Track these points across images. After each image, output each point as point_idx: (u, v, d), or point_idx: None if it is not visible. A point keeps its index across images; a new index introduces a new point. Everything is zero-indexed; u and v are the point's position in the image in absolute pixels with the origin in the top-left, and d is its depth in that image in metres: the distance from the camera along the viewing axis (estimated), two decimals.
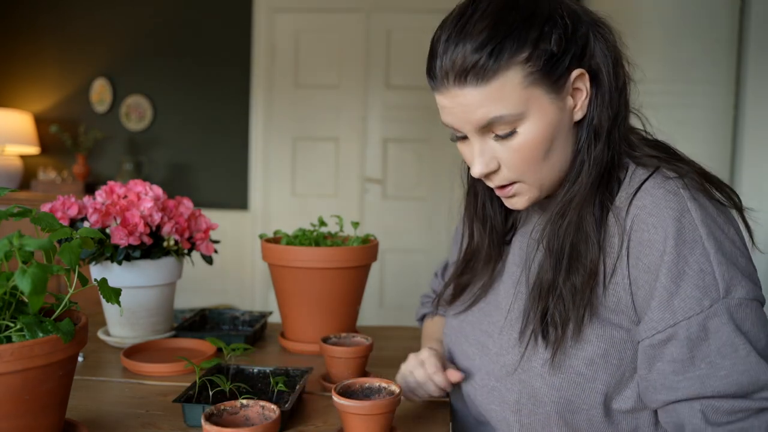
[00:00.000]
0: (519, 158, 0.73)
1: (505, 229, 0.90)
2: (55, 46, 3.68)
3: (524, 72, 0.68)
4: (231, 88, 3.61)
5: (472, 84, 0.69)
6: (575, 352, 0.72)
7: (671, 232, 0.66)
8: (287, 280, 1.16)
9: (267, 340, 1.27)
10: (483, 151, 0.74)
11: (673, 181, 0.69)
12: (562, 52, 0.70)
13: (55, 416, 0.69)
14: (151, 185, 1.19)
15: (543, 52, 0.68)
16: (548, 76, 0.69)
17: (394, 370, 1.08)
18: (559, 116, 0.72)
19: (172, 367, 1.03)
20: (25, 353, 0.62)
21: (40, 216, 0.72)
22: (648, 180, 0.71)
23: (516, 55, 0.68)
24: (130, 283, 1.14)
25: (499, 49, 0.67)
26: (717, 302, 0.64)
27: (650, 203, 0.68)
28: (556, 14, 0.70)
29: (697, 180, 0.71)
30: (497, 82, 0.68)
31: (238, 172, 3.64)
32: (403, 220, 3.59)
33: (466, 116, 0.72)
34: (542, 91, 0.70)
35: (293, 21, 3.58)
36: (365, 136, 3.58)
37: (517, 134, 0.71)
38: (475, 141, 0.74)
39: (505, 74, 0.68)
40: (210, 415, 0.71)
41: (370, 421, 0.75)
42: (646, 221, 0.68)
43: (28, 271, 0.62)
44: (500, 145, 0.73)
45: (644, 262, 0.68)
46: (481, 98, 0.69)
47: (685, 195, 0.68)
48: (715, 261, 0.65)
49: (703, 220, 0.66)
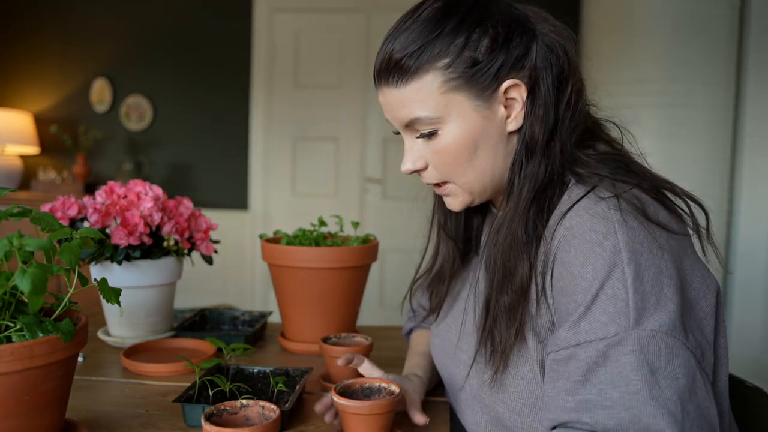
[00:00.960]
0: (441, 160, 0.75)
1: (466, 244, 0.92)
2: (55, 46, 3.68)
3: (444, 77, 0.70)
4: (231, 88, 3.61)
5: (393, 83, 0.72)
6: (514, 371, 0.73)
7: (591, 255, 0.63)
8: (287, 280, 1.16)
9: (267, 340, 1.27)
10: (412, 149, 0.77)
11: (605, 201, 0.66)
12: (489, 60, 0.70)
13: (55, 416, 0.69)
14: (151, 185, 1.19)
15: (467, 59, 0.69)
16: (472, 83, 0.70)
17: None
18: (484, 124, 0.72)
19: (172, 367, 1.03)
20: (25, 353, 0.62)
21: (40, 216, 0.72)
22: (581, 200, 0.67)
23: (437, 59, 0.69)
24: (130, 283, 1.14)
25: (420, 52, 0.69)
26: (624, 331, 0.60)
27: (577, 224, 0.66)
28: (489, 21, 0.70)
29: (636, 200, 0.66)
30: (416, 84, 0.71)
31: (238, 172, 3.64)
32: (403, 220, 3.59)
33: (392, 114, 0.76)
34: (464, 97, 0.71)
35: (293, 21, 3.58)
36: (365, 136, 3.58)
37: (438, 136, 0.73)
38: (406, 138, 0.77)
39: (424, 77, 0.70)
40: (210, 415, 0.71)
41: (370, 421, 0.75)
42: (570, 243, 0.65)
43: (28, 271, 0.62)
44: (425, 145, 0.75)
45: (561, 284, 0.66)
46: (402, 98, 0.72)
47: (614, 216, 0.64)
48: (631, 288, 0.61)
49: (627, 243, 0.62)
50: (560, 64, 0.72)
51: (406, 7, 0.75)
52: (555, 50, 0.72)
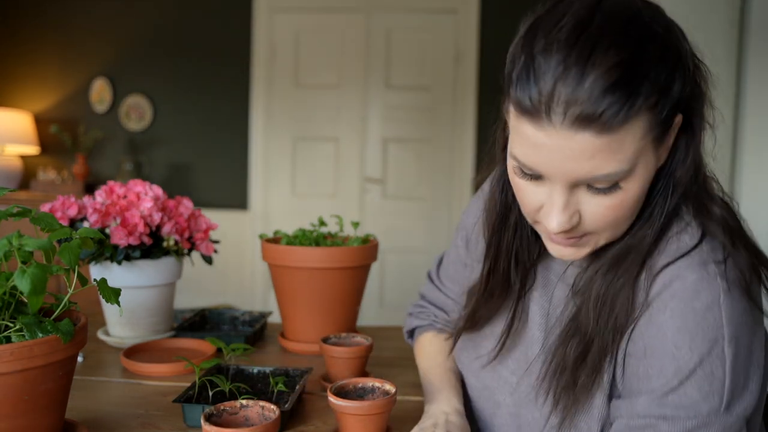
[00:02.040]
0: (611, 215, 0.61)
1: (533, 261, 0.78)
2: (55, 46, 3.68)
3: (650, 122, 0.57)
4: (231, 88, 3.61)
5: (594, 131, 0.55)
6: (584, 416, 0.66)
7: (692, 325, 0.58)
8: (287, 280, 1.16)
9: (267, 340, 1.27)
10: (569, 203, 0.61)
11: (713, 266, 0.60)
12: (680, 100, 0.59)
13: (54, 416, 0.69)
14: (151, 185, 1.19)
15: (669, 99, 0.57)
16: (665, 125, 0.59)
17: (394, 370, 1.09)
18: (655, 167, 0.62)
19: (171, 367, 1.03)
20: (25, 353, 0.62)
21: (39, 216, 0.72)
22: (687, 255, 0.61)
23: (647, 101, 0.55)
24: (130, 283, 1.14)
25: (635, 95, 0.54)
26: (716, 414, 0.57)
27: (679, 286, 0.60)
28: (685, 50, 0.60)
29: (741, 267, 0.61)
30: (622, 134, 0.55)
31: (238, 172, 3.64)
32: (403, 220, 3.59)
33: (569, 164, 0.57)
34: (651, 141, 0.59)
35: (293, 21, 3.58)
36: (365, 136, 3.58)
37: (619, 190, 0.59)
38: (562, 190, 0.60)
39: (633, 124, 0.55)
40: (210, 415, 0.70)
41: (367, 422, 0.75)
42: (668, 304, 0.60)
43: (28, 272, 0.62)
44: (592, 198, 0.61)
45: (648, 344, 0.61)
46: (598, 149, 0.56)
47: (720, 286, 0.58)
48: (730, 369, 0.57)
49: (731, 318, 0.58)
50: (704, 98, 0.64)
51: (406, 6, 0.72)
52: (701, 85, 0.64)
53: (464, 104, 3.48)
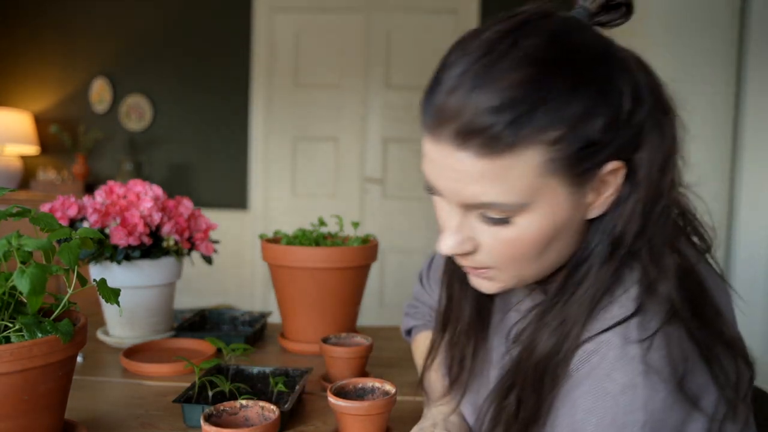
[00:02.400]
0: (505, 252, 0.57)
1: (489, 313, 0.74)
2: (55, 46, 3.68)
3: (547, 156, 0.51)
4: (231, 88, 3.61)
5: (474, 151, 0.51)
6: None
7: (600, 406, 0.52)
8: (287, 280, 1.16)
9: (267, 340, 1.27)
10: (461, 227, 0.57)
11: (635, 346, 0.53)
12: (606, 141, 0.52)
13: (54, 416, 0.69)
14: (150, 185, 1.19)
15: (581, 137, 0.51)
16: (575, 166, 0.52)
17: (394, 370, 1.09)
18: (571, 214, 0.55)
19: (171, 367, 1.03)
20: (24, 354, 0.62)
21: (39, 216, 0.72)
22: (612, 330, 0.54)
23: (544, 131, 0.50)
24: (130, 283, 1.14)
25: (526, 120, 0.50)
26: None
27: (596, 363, 0.54)
28: (617, 87, 0.53)
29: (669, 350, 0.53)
30: (507, 161, 0.51)
31: (238, 172, 3.64)
32: (403, 220, 3.59)
33: (453, 185, 0.55)
34: (560, 182, 0.53)
35: (293, 21, 3.58)
36: (365, 136, 3.58)
37: (510, 225, 0.55)
38: (455, 212, 0.57)
39: (522, 153, 0.51)
40: (209, 415, 0.70)
41: (367, 422, 0.75)
42: (583, 382, 0.54)
43: (27, 272, 0.62)
44: (485, 228, 0.56)
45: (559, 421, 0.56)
46: (480, 173, 0.52)
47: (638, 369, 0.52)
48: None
49: (645, 404, 0.51)
50: (667, 146, 0.56)
51: (406, 6, 0.70)
52: (665, 129, 0.56)
53: None
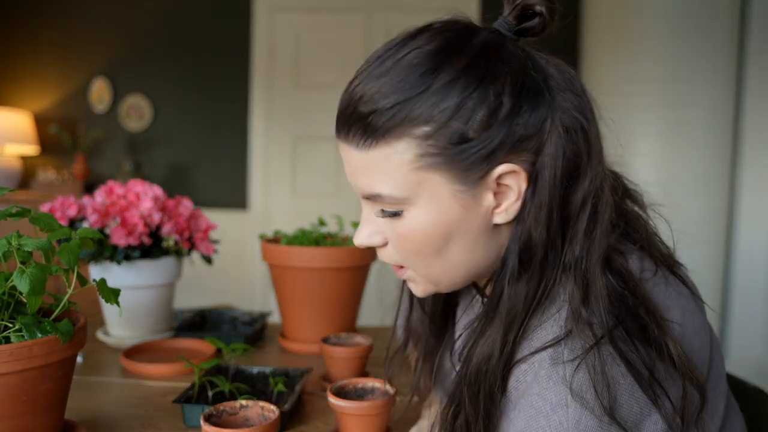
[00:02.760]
0: (403, 247, 0.59)
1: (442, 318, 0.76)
2: (55, 46, 3.68)
3: (419, 150, 0.54)
4: (231, 88, 3.61)
5: (355, 142, 0.56)
6: None
7: (533, 425, 0.52)
8: (287, 280, 1.15)
9: (267, 340, 1.27)
10: (369, 220, 0.61)
11: (563, 367, 0.52)
12: (483, 139, 0.53)
13: (54, 416, 0.69)
14: (150, 185, 1.19)
15: (453, 132, 0.53)
16: (455, 163, 0.54)
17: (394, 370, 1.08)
18: (462, 214, 0.56)
19: (171, 367, 1.03)
20: (24, 354, 0.62)
21: (39, 216, 0.72)
22: (545, 350, 0.54)
23: (415, 124, 0.53)
24: (130, 283, 1.14)
25: (397, 110, 0.53)
26: None
27: (530, 381, 0.53)
28: (493, 85, 0.53)
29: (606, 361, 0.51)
30: (382, 151, 0.54)
31: (238, 172, 3.64)
32: None
33: (352, 178, 0.59)
34: (442, 178, 0.55)
35: (293, 21, 3.58)
36: None
37: (402, 217, 0.57)
38: (364, 206, 0.61)
39: (393, 145, 0.54)
40: (209, 415, 0.70)
41: (367, 422, 0.75)
42: (517, 400, 0.54)
43: (27, 272, 0.62)
44: (384, 222, 0.60)
45: None
46: (363, 164, 0.56)
47: (572, 386, 0.51)
48: None
49: (578, 422, 0.50)
50: (577, 152, 0.56)
51: (406, 6, 0.72)
52: (573, 134, 0.55)
53: None
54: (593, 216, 0.56)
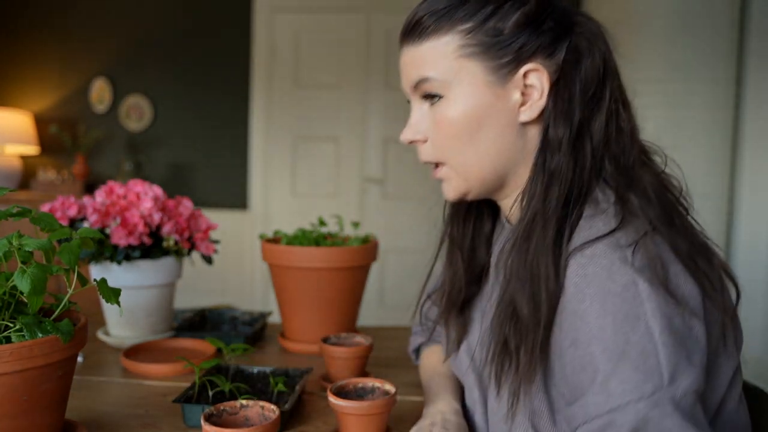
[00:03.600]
0: (440, 132, 0.70)
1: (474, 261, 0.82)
2: (55, 46, 3.68)
3: (461, 42, 0.66)
4: (231, 88, 3.61)
5: (412, 41, 0.69)
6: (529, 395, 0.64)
7: (611, 305, 0.56)
8: (287, 280, 1.16)
9: (267, 340, 1.27)
10: (415, 118, 0.72)
11: (625, 251, 0.58)
12: (514, 35, 0.65)
13: (54, 416, 0.69)
14: (150, 185, 1.19)
15: (490, 28, 0.65)
16: (489, 54, 0.66)
17: (394, 370, 1.09)
18: (493, 102, 0.67)
19: (171, 367, 1.03)
20: (25, 353, 0.62)
21: (39, 216, 0.72)
22: (599, 240, 0.60)
23: (459, 23, 0.66)
24: (130, 283, 1.14)
25: (444, 12, 0.66)
26: (660, 390, 0.54)
27: (592, 272, 0.58)
28: (534, 5, 0.66)
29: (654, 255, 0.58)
30: (431, 43, 0.67)
31: (238, 172, 3.64)
32: (403, 220, 3.59)
33: (405, 76, 0.71)
34: (479, 68, 0.66)
35: (293, 21, 3.58)
36: (365, 136, 3.58)
37: (442, 102, 0.68)
38: (414, 105, 0.73)
39: (441, 38, 0.67)
40: (210, 415, 0.70)
41: (367, 422, 0.75)
42: (585, 292, 0.58)
43: (28, 272, 0.62)
44: (430, 114, 0.71)
45: (573, 336, 0.59)
46: (416, 57, 0.69)
47: (635, 265, 0.57)
48: (661, 342, 0.55)
49: (649, 294, 0.56)
50: (595, 65, 0.66)
51: (406, 6, 0.75)
52: (592, 48, 0.67)
53: None
54: (619, 128, 0.66)
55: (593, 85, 0.66)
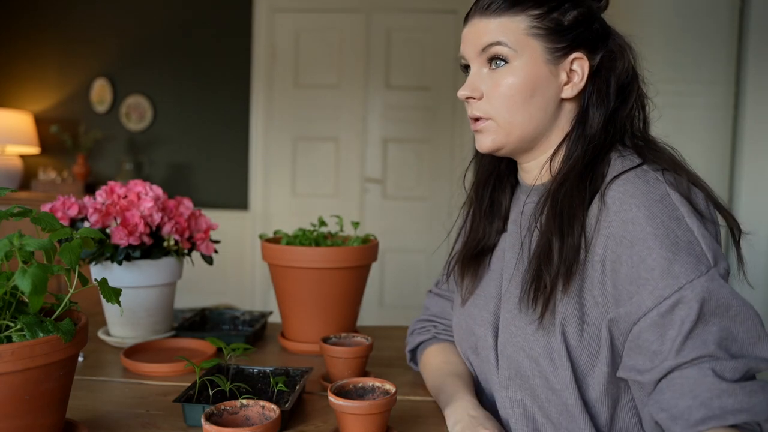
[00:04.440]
0: (500, 92, 0.81)
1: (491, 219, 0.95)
2: (56, 46, 3.68)
3: (530, 23, 0.80)
4: (231, 88, 3.61)
5: (488, 15, 0.81)
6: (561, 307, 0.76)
7: (656, 210, 0.70)
8: (287, 280, 1.16)
9: (267, 340, 1.27)
10: (474, 77, 0.84)
11: (653, 172, 0.75)
12: (570, 28, 0.80)
13: (55, 416, 0.69)
14: (151, 185, 1.19)
15: (553, 19, 0.80)
16: (549, 39, 0.80)
17: (394, 370, 1.09)
18: (547, 77, 0.81)
19: (172, 367, 1.03)
20: (26, 353, 0.62)
21: (40, 216, 0.72)
22: (629, 170, 0.76)
23: (530, 9, 0.80)
24: (130, 283, 1.14)
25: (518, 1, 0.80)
26: (711, 268, 0.68)
27: (632, 187, 0.73)
28: (586, 4, 0.81)
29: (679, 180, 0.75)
30: (506, 19, 0.80)
31: (238, 172, 3.65)
32: (403, 220, 3.59)
33: (474, 40, 0.83)
34: (540, 48, 0.80)
35: (293, 21, 3.58)
36: (365, 136, 3.58)
37: (507, 67, 0.81)
38: (474, 67, 0.84)
39: (515, 17, 0.80)
40: (210, 415, 0.71)
41: (367, 421, 0.75)
42: (629, 202, 0.72)
43: (29, 271, 0.62)
44: (490, 77, 0.82)
45: (629, 238, 0.71)
46: (492, 26, 0.81)
47: (665, 182, 0.73)
48: (699, 235, 0.69)
49: (681, 201, 0.71)
50: (626, 67, 0.82)
51: (406, 6, 0.76)
52: (623, 54, 0.82)
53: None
54: (641, 118, 0.84)
55: (624, 80, 0.82)
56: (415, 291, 3.48)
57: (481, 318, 0.89)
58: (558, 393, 0.76)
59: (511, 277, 0.85)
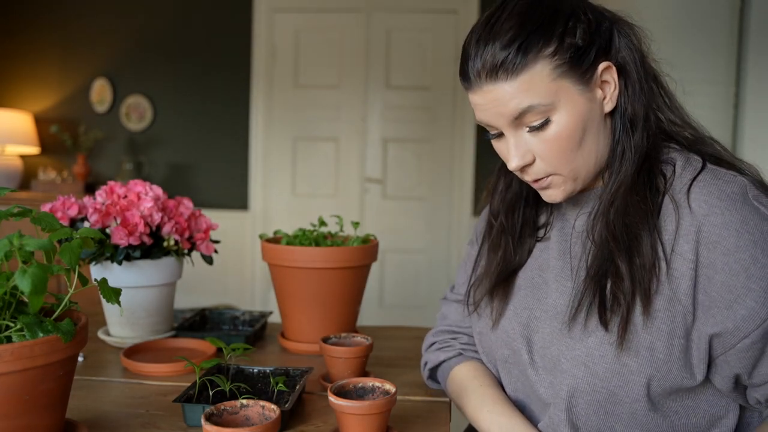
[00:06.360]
0: (553, 149, 0.75)
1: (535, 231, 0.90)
2: (56, 46, 3.68)
3: (552, 65, 0.72)
4: (231, 88, 3.61)
5: (503, 79, 0.72)
6: (645, 328, 0.72)
7: (746, 213, 0.69)
8: (287, 280, 1.16)
9: (267, 340, 1.27)
10: (518, 144, 0.77)
11: (725, 170, 0.74)
12: (587, 45, 0.73)
13: (55, 416, 0.69)
14: (151, 185, 1.19)
15: (569, 45, 0.72)
16: (575, 68, 0.73)
17: (394, 370, 1.09)
18: (589, 107, 0.75)
19: (172, 367, 1.03)
20: (25, 353, 0.62)
21: (40, 216, 0.72)
22: (702, 172, 0.74)
23: (543, 49, 0.72)
24: (130, 283, 1.14)
25: (525, 45, 0.71)
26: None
27: (716, 188, 0.72)
28: (578, 10, 0.74)
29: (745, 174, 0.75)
30: (526, 75, 0.72)
31: (238, 172, 3.65)
32: (403, 220, 3.59)
33: (499, 110, 0.74)
34: (570, 83, 0.73)
35: (293, 21, 3.58)
36: (365, 136, 3.59)
37: (550, 124, 0.74)
38: (510, 135, 0.77)
39: (533, 68, 0.72)
40: (210, 415, 0.71)
41: (367, 421, 0.75)
42: (718, 205, 0.70)
43: (29, 271, 0.62)
44: (534, 137, 0.75)
45: (724, 245, 0.69)
46: (513, 91, 0.73)
47: (743, 172, 0.74)
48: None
49: (757, 195, 0.71)
50: (639, 48, 0.78)
51: (406, 6, 0.76)
52: (630, 36, 0.78)
53: (464, 104, 3.48)
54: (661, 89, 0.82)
55: (644, 63, 0.79)
56: (415, 291, 3.49)
57: (513, 331, 0.85)
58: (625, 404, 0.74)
59: (562, 289, 0.81)
